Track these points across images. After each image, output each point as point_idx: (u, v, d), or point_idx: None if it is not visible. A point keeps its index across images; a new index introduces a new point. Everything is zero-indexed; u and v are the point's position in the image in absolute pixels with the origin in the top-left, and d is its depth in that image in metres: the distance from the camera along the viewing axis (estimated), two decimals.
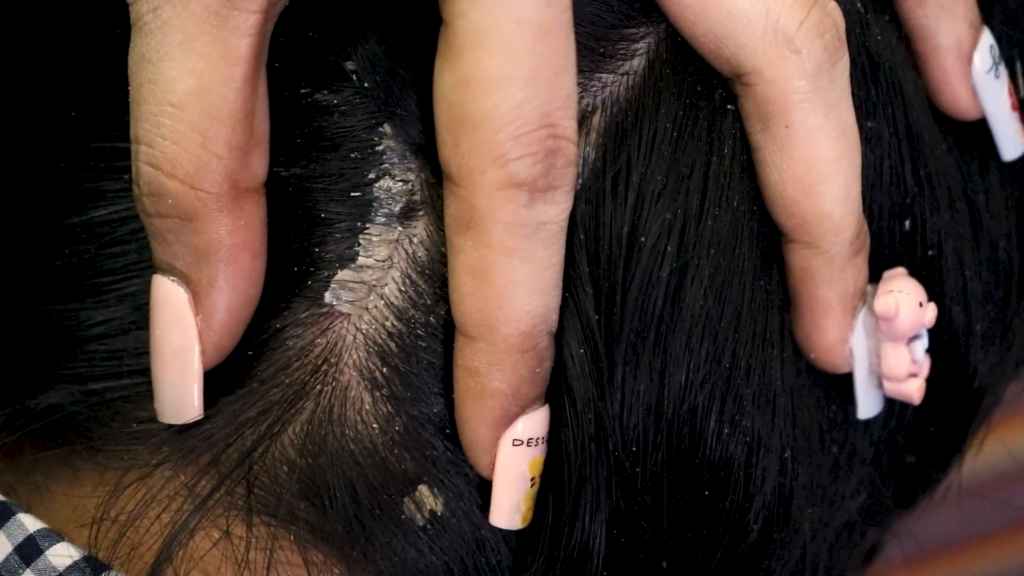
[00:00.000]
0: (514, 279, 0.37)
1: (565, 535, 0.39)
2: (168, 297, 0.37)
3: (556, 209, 0.37)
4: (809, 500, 0.42)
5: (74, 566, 0.38)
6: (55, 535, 0.39)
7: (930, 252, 0.42)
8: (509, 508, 0.38)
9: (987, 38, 0.42)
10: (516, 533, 0.39)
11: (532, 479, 0.38)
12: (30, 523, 0.39)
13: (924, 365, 0.41)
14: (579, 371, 0.38)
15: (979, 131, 0.43)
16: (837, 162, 0.38)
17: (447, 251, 0.37)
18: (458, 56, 0.36)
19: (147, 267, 0.38)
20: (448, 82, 0.36)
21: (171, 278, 0.37)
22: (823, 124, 0.38)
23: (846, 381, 0.41)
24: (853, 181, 0.39)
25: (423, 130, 0.38)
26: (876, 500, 0.45)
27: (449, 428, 0.39)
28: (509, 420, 0.38)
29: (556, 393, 0.39)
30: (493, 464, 0.38)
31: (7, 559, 0.39)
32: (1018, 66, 0.44)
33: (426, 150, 0.38)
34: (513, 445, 0.38)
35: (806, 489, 0.41)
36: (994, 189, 0.43)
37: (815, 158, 0.38)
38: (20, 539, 0.39)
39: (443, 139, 0.37)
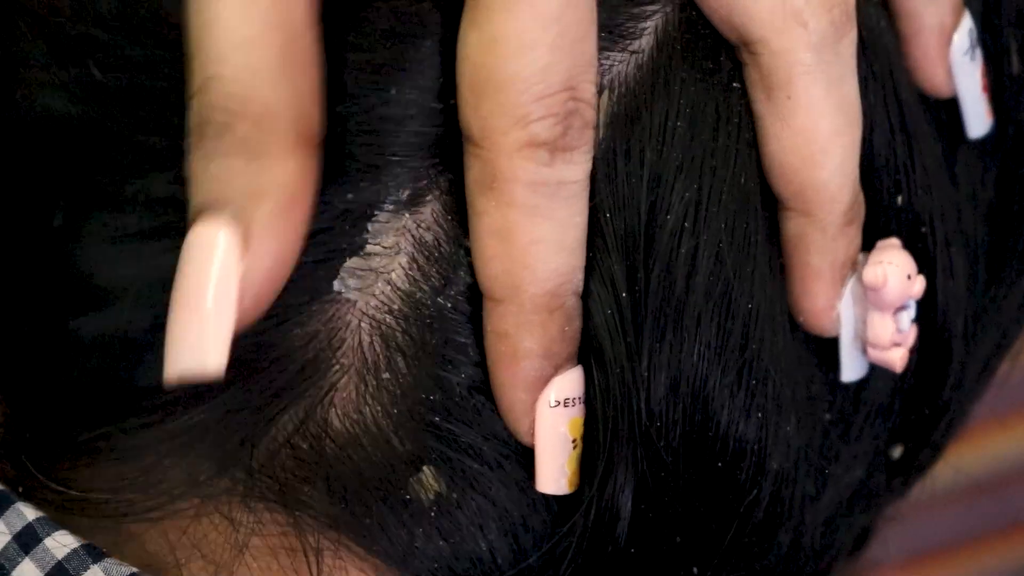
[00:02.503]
0: (538, 237, 0.37)
1: (594, 502, 0.39)
2: (214, 236, 0.34)
3: (576, 169, 0.37)
4: (805, 471, 0.42)
5: (73, 554, 0.38)
6: (54, 523, 0.38)
7: (923, 229, 0.43)
8: (554, 472, 0.39)
9: (967, 21, 0.43)
10: (524, 513, 0.40)
11: (573, 440, 0.38)
12: (29, 512, 0.39)
13: (909, 335, 0.41)
14: (608, 334, 0.39)
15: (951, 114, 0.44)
16: (836, 135, 0.39)
17: (468, 216, 0.38)
18: (485, 17, 0.36)
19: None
20: (473, 43, 0.37)
21: (220, 217, 0.35)
22: (824, 97, 0.39)
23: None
24: (851, 154, 0.40)
25: (436, 100, 0.38)
26: (869, 477, 0.46)
27: (454, 411, 0.39)
28: (544, 381, 0.38)
29: (585, 360, 0.39)
30: (532, 429, 0.38)
31: (6, 547, 0.38)
32: (1012, 44, 0.45)
33: (433, 134, 0.39)
34: (551, 407, 0.38)
35: (805, 459, 0.42)
36: (965, 171, 0.44)
37: (814, 130, 0.39)
38: (19, 527, 0.38)
39: (465, 99, 0.37)
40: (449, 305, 0.39)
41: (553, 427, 0.38)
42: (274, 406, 0.39)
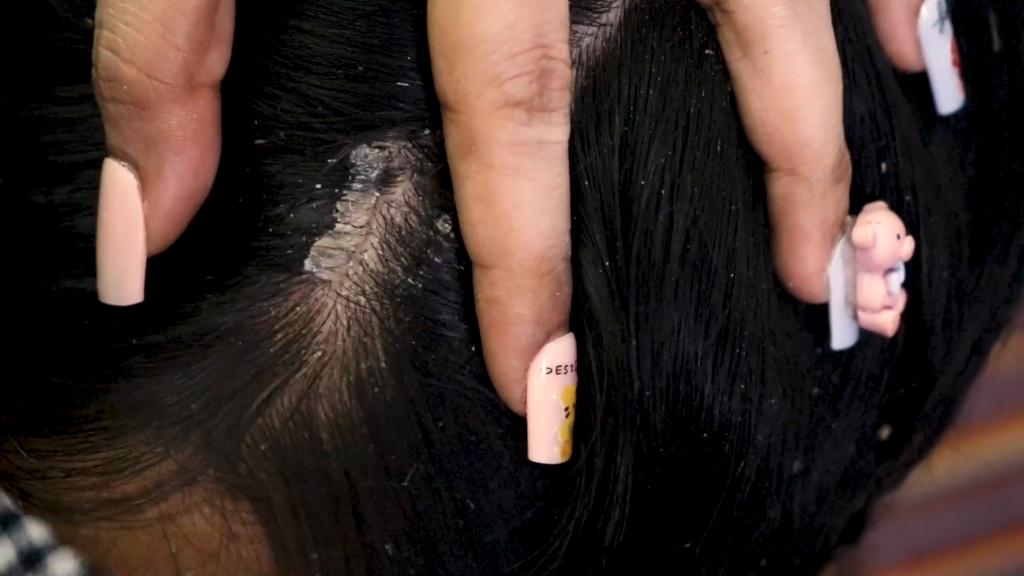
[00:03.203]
0: (521, 199, 0.37)
1: (595, 468, 0.39)
2: (117, 181, 0.37)
3: (556, 130, 0.37)
4: (793, 445, 0.41)
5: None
6: (57, 541, 0.39)
7: (907, 197, 0.42)
8: (547, 441, 0.38)
9: None
10: (502, 497, 0.39)
11: (566, 409, 0.38)
12: (35, 532, 0.39)
13: (899, 298, 0.41)
14: (599, 299, 0.38)
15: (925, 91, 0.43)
16: (816, 87, 0.38)
17: (453, 184, 0.37)
18: None
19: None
20: (440, 8, 0.36)
21: (122, 163, 0.37)
22: (801, 49, 0.38)
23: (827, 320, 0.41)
24: (833, 107, 0.39)
25: (410, 78, 0.38)
26: (860, 455, 0.45)
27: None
28: (536, 348, 0.38)
29: (577, 327, 0.39)
30: (524, 397, 0.38)
31: (12, 569, 0.39)
32: (992, 19, 0.44)
33: (407, 112, 0.38)
34: (543, 374, 0.38)
35: (792, 433, 0.41)
36: (943, 150, 0.44)
37: (794, 83, 0.38)
38: (25, 547, 0.39)
39: (438, 66, 0.37)
40: (420, 286, 0.38)
41: (546, 395, 0.38)
42: (257, 391, 0.38)
